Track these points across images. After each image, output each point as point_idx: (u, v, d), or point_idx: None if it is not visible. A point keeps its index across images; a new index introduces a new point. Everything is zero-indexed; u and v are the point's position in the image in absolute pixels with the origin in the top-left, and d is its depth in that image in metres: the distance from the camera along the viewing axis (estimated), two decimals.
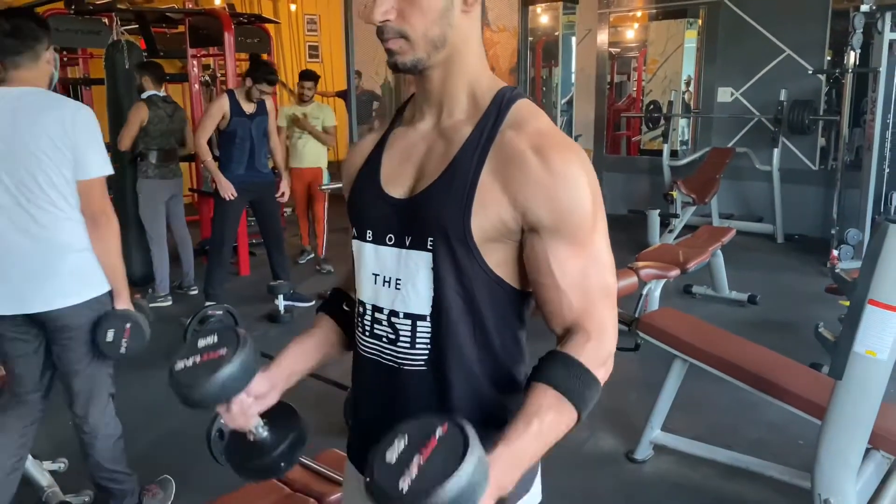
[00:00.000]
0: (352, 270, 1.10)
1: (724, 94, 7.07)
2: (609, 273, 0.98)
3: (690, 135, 7.71)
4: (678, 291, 4.97)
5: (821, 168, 6.64)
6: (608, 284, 0.97)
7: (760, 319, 4.51)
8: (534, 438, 0.87)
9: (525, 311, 1.04)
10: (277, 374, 1.08)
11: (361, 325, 1.06)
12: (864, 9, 5.23)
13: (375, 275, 1.02)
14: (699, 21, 7.37)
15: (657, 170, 7.37)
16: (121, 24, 5.11)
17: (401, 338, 1.00)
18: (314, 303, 4.76)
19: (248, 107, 4.44)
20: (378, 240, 1.02)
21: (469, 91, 1.01)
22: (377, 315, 1.02)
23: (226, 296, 4.47)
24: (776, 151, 6.53)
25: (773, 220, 6.59)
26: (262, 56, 6.54)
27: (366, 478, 0.80)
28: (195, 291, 4.97)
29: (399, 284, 0.99)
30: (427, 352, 0.99)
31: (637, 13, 8.04)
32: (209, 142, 4.53)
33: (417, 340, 0.99)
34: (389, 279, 1.00)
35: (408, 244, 0.98)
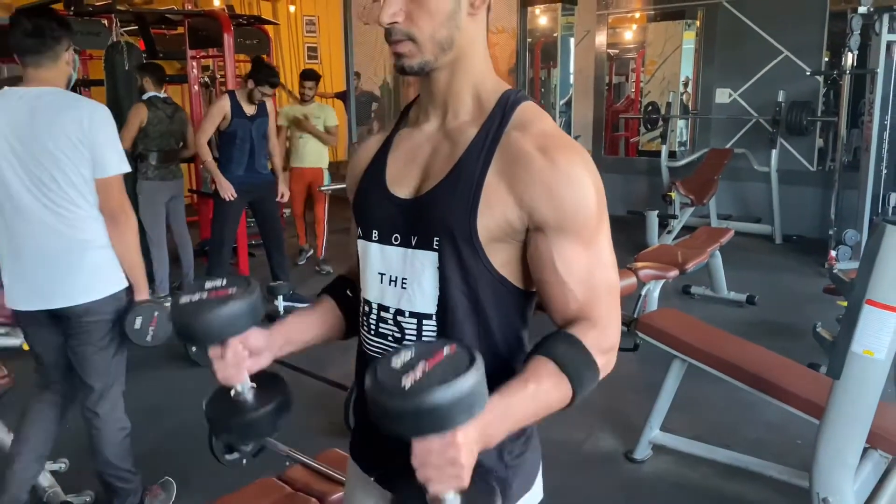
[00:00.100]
0: (356, 265, 1.10)
1: (723, 96, 7.08)
2: (613, 271, 0.99)
3: (689, 136, 7.72)
4: (677, 292, 4.98)
5: (819, 169, 6.66)
6: (612, 282, 0.98)
7: (759, 320, 4.52)
8: (528, 399, 0.88)
9: (528, 311, 1.05)
10: (274, 338, 1.06)
11: (367, 324, 1.06)
12: (862, 10, 5.25)
13: (381, 274, 1.03)
14: (697, 22, 7.38)
15: (655, 171, 7.38)
16: (120, 26, 5.09)
17: (406, 336, 1.01)
18: None
19: (249, 108, 4.44)
20: (384, 239, 1.03)
21: (474, 93, 1.01)
22: (383, 314, 1.03)
23: None
24: (774, 152, 6.54)
25: (772, 221, 6.60)
26: (263, 57, 6.53)
27: (367, 379, 0.81)
28: None
29: (405, 284, 1.00)
30: None
31: (635, 14, 8.05)
32: (209, 142, 4.54)
33: (423, 339, 1.00)
34: (395, 278, 1.01)
35: (414, 244, 0.99)
